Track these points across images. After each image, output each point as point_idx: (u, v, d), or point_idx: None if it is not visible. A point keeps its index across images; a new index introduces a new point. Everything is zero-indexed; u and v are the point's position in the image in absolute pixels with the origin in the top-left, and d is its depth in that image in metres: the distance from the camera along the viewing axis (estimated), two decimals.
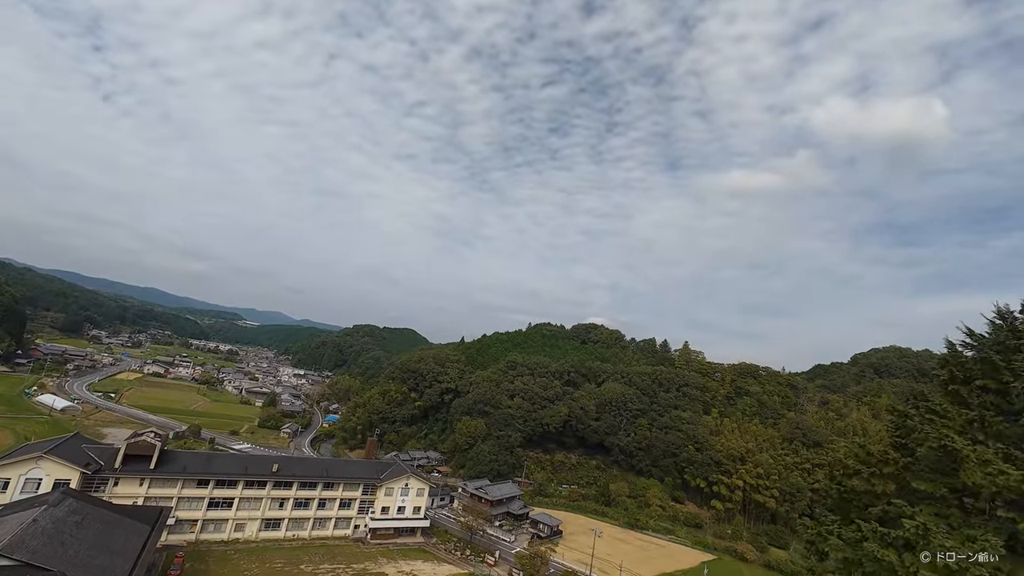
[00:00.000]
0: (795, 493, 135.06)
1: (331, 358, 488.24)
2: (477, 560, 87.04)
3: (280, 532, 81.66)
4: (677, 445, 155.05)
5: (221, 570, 67.77)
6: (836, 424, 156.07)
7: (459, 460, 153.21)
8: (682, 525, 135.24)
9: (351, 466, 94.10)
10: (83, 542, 47.99)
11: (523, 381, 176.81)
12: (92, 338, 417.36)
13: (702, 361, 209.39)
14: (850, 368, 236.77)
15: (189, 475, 75.05)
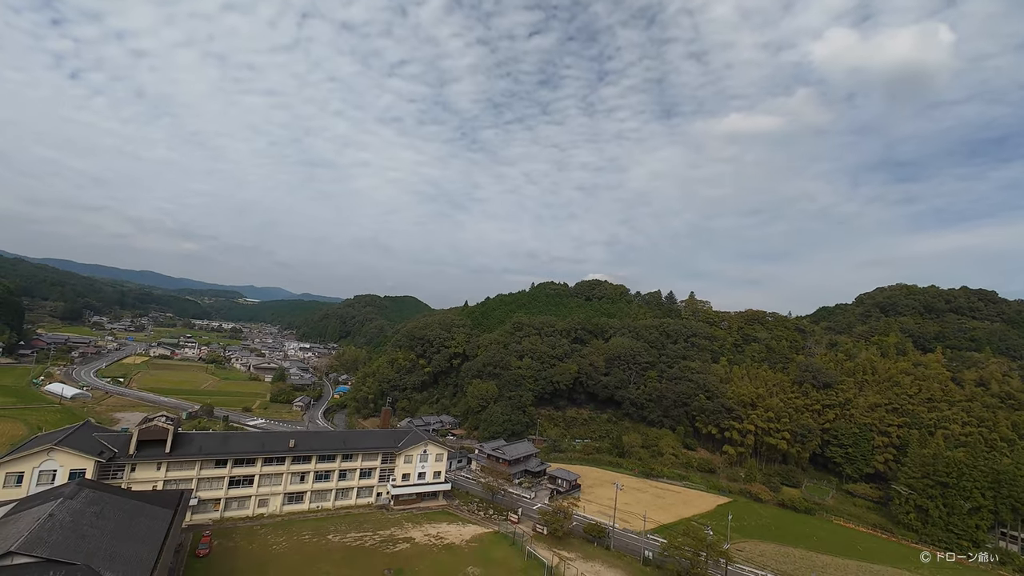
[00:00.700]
0: (806, 434, 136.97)
1: (335, 330, 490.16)
2: (500, 519, 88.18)
3: (304, 505, 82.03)
4: (688, 395, 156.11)
5: (249, 545, 68.04)
6: (845, 365, 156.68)
7: (472, 422, 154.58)
8: (695, 471, 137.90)
9: (368, 436, 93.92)
10: (104, 532, 46.90)
11: (531, 341, 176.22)
12: (94, 324, 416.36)
13: (708, 311, 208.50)
14: (855, 309, 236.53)
15: (206, 456, 74.24)
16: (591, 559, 75.42)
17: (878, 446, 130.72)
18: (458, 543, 76.60)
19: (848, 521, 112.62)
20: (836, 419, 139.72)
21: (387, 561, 67.97)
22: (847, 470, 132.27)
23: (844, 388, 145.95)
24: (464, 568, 68.39)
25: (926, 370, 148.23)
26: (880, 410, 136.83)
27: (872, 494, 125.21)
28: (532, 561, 72.84)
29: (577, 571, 69.39)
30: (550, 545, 78.59)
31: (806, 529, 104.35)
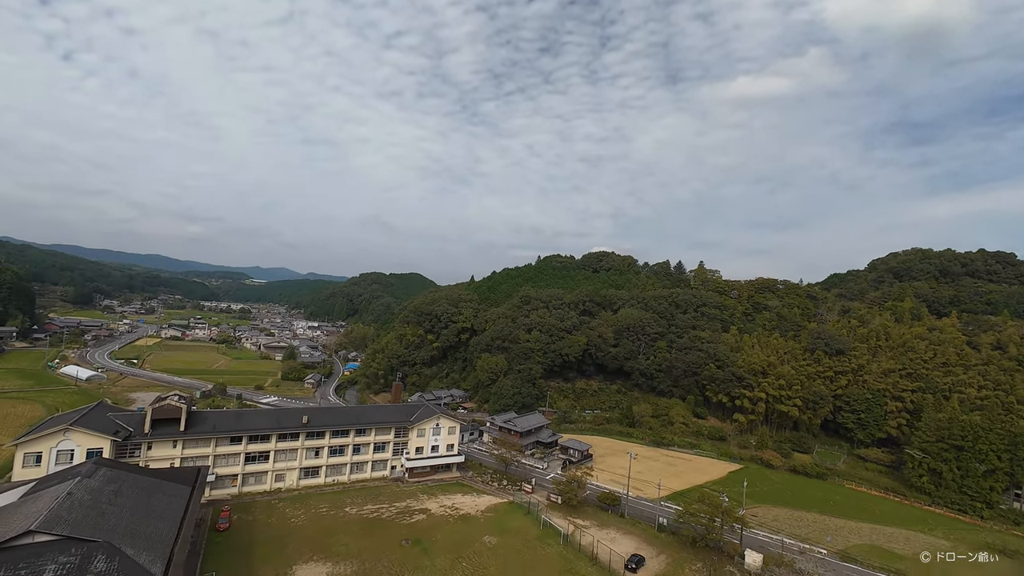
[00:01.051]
0: (818, 401, 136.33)
1: (342, 308, 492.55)
2: (514, 489, 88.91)
3: (320, 479, 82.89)
4: (698, 364, 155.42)
5: (268, 519, 68.93)
6: (858, 331, 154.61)
7: (483, 395, 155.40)
8: (706, 439, 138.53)
9: (381, 411, 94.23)
10: (123, 510, 47.05)
11: (539, 315, 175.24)
12: (105, 308, 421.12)
13: (718, 280, 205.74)
14: (867, 275, 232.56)
15: (221, 433, 74.58)
16: (606, 527, 76.00)
17: (891, 411, 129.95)
18: (473, 513, 77.35)
19: (860, 485, 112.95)
20: (848, 385, 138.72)
21: (404, 532, 68.73)
22: (859, 435, 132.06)
23: (857, 354, 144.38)
24: (480, 537, 69.06)
25: (941, 335, 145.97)
26: (894, 375, 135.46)
27: (884, 458, 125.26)
28: (547, 529, 73.47)
29: (593, 538, 69.89)
30: (565, 514, 79.23)
31: (818, 494, 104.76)
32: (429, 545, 65.39)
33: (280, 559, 58.82)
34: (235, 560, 57.63)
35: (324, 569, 57.54)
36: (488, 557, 63.84)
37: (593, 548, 67.57)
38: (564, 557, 65.63)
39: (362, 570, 57.99)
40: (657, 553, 69.22)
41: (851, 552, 74.78)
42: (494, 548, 66.34)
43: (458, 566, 60.96)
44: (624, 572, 62.60)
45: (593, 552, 66.77)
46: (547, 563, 63.77)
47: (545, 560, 64.53)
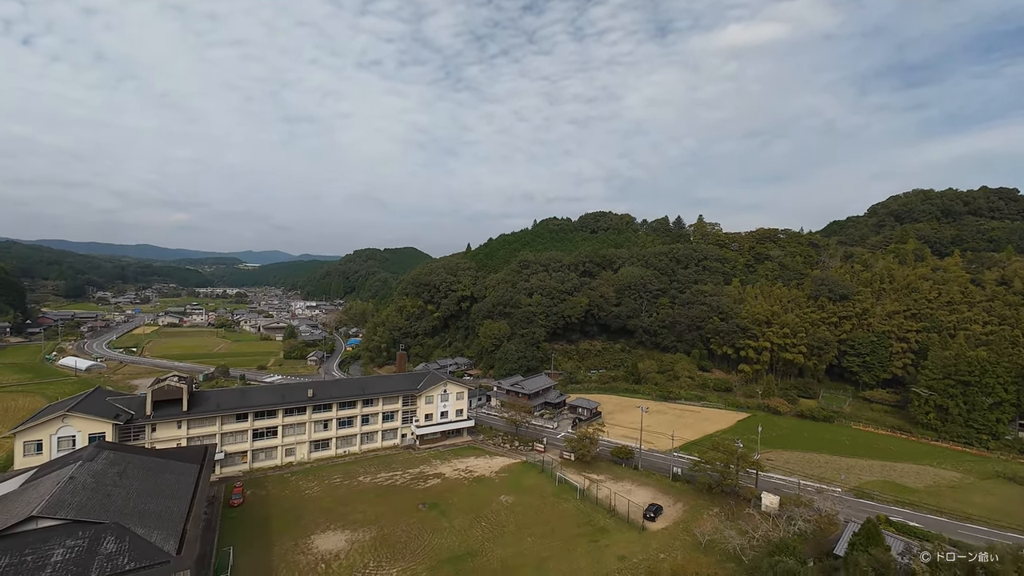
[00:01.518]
0: (823, 347, 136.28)
1: (338, 286, 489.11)
2: (526, 449, 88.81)
3: (330, 451, 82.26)
4: (701, 318, 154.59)
5: (282, 492, 68.34)
6: (862, 275, 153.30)
7: (487, 362, 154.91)
8: (712, 391, 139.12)
9: (387, 381, 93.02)
10: (130, 491, 45.63)
11: (539, 278, 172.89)
12: (99, 300, 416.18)
13: (719, 233, 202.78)
14: (868, 220, 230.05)
15: (226, 411, 73.10)
16: (621, 479, 76.06)
17: (896, 352, 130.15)
18: (488, 475, 77.17)
19: (867, 425, 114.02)
20: (853, 329, 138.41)
21: (420, 496, 68.40)
22: (864, 378, 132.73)
23: (861, 298, 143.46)
24: (496, 497, 68.86)
25: (945, 274, 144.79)
26: (898, 317, 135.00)
27: (889, 399, 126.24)
28: (563, 486, 73.41)
29: (610, 491, 69.85)
30: (578, 470, 79.22)
31: (826, 436, 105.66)
32: (446, 508, 65.11)
33: (297, 529, 58.30)
34: (252, 534, 57.04)
35: (343, 537, 57.11)
36: (506, 516, 63.67)
37: (610, 501, 67.54)
38: (582, 511, 65.61)
39: (381, 535, 57.61)
40: (674, 501, 69.40)
41: (865, 488, 75.42)
42: (511, 507, 66.20)
43: (477, 526, 60.73)
44: (643, 521, 62.66)
45: (611, 504, 66.76)
46: (565, 518, 63.71)
47: (563, 515, 64.47)
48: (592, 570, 52.32)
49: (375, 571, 50.74)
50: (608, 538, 59.15)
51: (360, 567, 51.29)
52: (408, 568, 51.42)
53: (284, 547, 54.57)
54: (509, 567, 52.36)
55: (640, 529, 61.34)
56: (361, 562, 52.19)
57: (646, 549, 56.94)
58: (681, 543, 58.51)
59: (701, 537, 57.52)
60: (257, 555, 52.76)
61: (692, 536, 59.75)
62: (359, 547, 55.00)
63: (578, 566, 53.05)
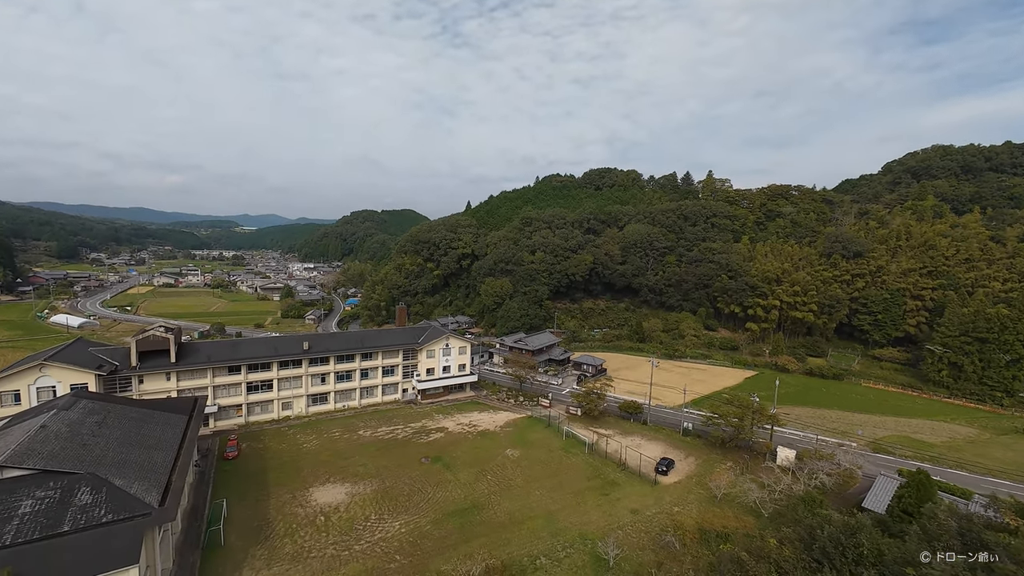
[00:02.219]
0: (834, 305, 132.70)
1: (336, 248, 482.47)
2: (531, 404, 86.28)
3: (329, 405, 79.50)
4: (709, 276, 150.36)
5: (279, 445, 65.76)
6: (877, 232, 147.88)
7: (489, 320, 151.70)
8: (718, 350, 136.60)
9: (386, 335, 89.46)
10: (110, 440, 42.21)
11: (542, 235, 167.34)
12: (93, 261, 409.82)
13: (728, 190, 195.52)
14: (882, 178, 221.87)
15: (217, 363, 69.52)
16: (629, 434, 73.68)
17: (910, 310, 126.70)
18: (492, 429, 74.69)
19: (876, 383, 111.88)
20: (866, 287, 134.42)
21: (423, 450, 65.91)
22: (875, 336, 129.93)
23: (876, 256, 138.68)
24: (502, 451, 66.41)
25: (964, 231, 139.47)
26: (914, 274, 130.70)
27: (900, 357, 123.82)
28: (571, 440, 70.98)
29: (620, 445, 67.42)
30: (586, 425, 76.77)
31: (836, 393, 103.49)
32: (450, 461, 62.63)
33: (295, 482, 55.78)
34: (247, 486, 54.50)
35: (343, 489, 54.60)
36: (512, 469, 61.25)
37: (620, 455, 65.12)
38: (591, 465, 63.22)
39: (383, 488, 55.12)
40: (685, 456, 67.08)
41: (882, 443, 73.22)
42: (517, 460, 63.76)
43: (483, 479, 58.30)
44: (655, 475, 60.30)
45: (621, 458, 64.35)
46: (574, 472, 61.33)
47: (571, 469, 62.08)
48: (604, 523, 50.01)
49: (377, 524, 48.32)
50: (619, 492, 56.84)
51: (361, 519, 48.85)
52: (411, 521, 48.99)
53: (281, 499, 52.07)
54: (516, 520, 49.99)
55: (652, 483, 59.02)
56: (362, 514, 49.73)
57: (659, 503, 54.65)
58: (695, 496, 56.22)
59: (716, 490, 55.15)
60: (252, 507, 50.25)
61: (706, 489, 57.44)
62: (360, 500, 52.54)
63: (589, 519, 50.73)
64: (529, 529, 48.52)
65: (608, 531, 48.47)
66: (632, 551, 45.01)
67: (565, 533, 47.99)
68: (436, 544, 45.50)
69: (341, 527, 47.50)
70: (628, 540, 47.00)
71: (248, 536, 45.50)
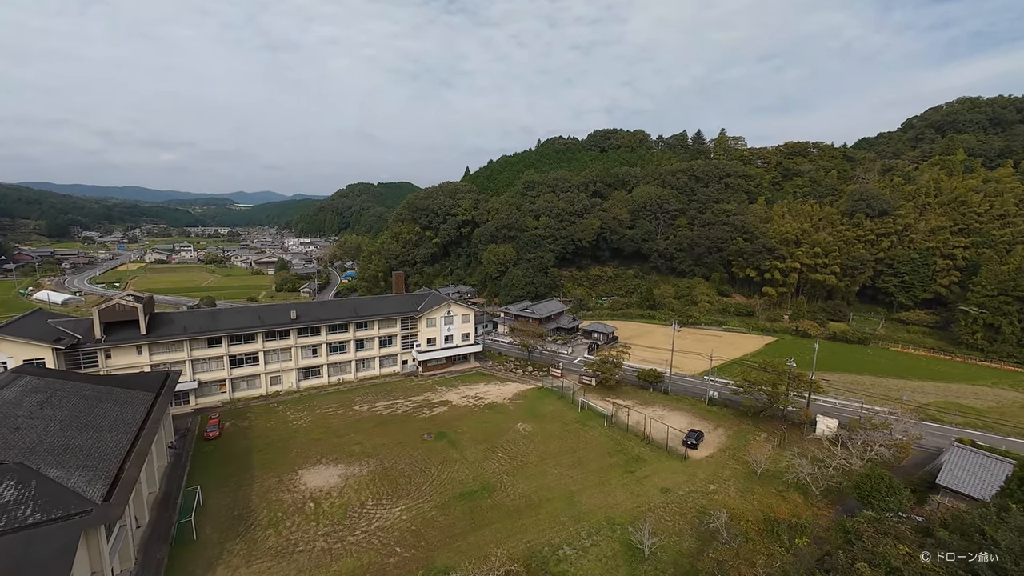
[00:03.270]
0: (857, 266, 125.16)
1: (332, 223, 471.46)
2: (541, 375, 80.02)
3: (322, 379, 73.23)
4: (723, 239, 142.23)
5: (266, 423, 59.65)
6: (903, 189, 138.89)
7: (492, 289, 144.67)
8: (733, 316, 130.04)
9: (382, 302, 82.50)
10: (51, 423, 35.58)
11: (546, 199, 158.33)
12: (84, 239, 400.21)
13: (743, 149, 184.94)
14: (902, 135, 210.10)
15: (194, 335, 62.70)
16: (650, 405, 67.48)
17: (940, 270, 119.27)
18: (500, 401, 68.54)
19: (905, 347, 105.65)
20: (892, 247, 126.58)
21: (425, 426, 59.82)
22: (900, 299, 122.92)
23: (903, 214, 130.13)
24: (513, 425, 60.30)
25: (998, 185, 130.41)
26: (943, 232, 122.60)
27: (928, 319, 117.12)
28: (587, 412, 64.86)
29: (644, 416, 61.27)
30: (601, 395, 70.59)
31: (864, 358, 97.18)
32: (455, 438, 56.55)
33: (283, 464, 49.76)
34: (228, 468, 48.50)
35: (336, 471, 48.59)
36: (525, 445, 55.18)
37: (644, 427, 59.00)
38: (611, 439, 57.14)
39: (381, 469, 49.10)
40: (713, 427, 60.99)
41: (927, 409, 67.06)
42: (530, 435, 57.67)
43: (492, 457, 52.25)
44: (684, 449, 54.25)
45: (645, 431, 58.24)
46: (593, 446, 55.27)
47: (590, 443, 56.02)
48: (631, 505, 44.06)
49: (374, 510, 42.34)
50: (645, 468, 50.85)
51: (356, 505, 42.87)
52: (413, 506, 43.00)
53: (266, 484, 46.07)
54: (533, 503, 44.02)
55: (682, 457, 52.99)
56: (357, 499, 43.75)
57: (692, 480, 48.66)
58: (731, 472, 50.23)
59: (755, 465, 49.07)
60: (233, 494, 44.27)
61: (743, 464, 51.44)
62: (355, 483, 46.53)
63: (615, 500, 44.77)
64: (548, 513, 42.57)
65: (638, 514, 42.52)
66: (668, 537, 39.05)
67: (589, 517, 42.05)
68: (442, 533, 39.55)
69: (333, 515, 41.52)
70: (662, 525, 41.05)
71: (226, 527, 39.54)
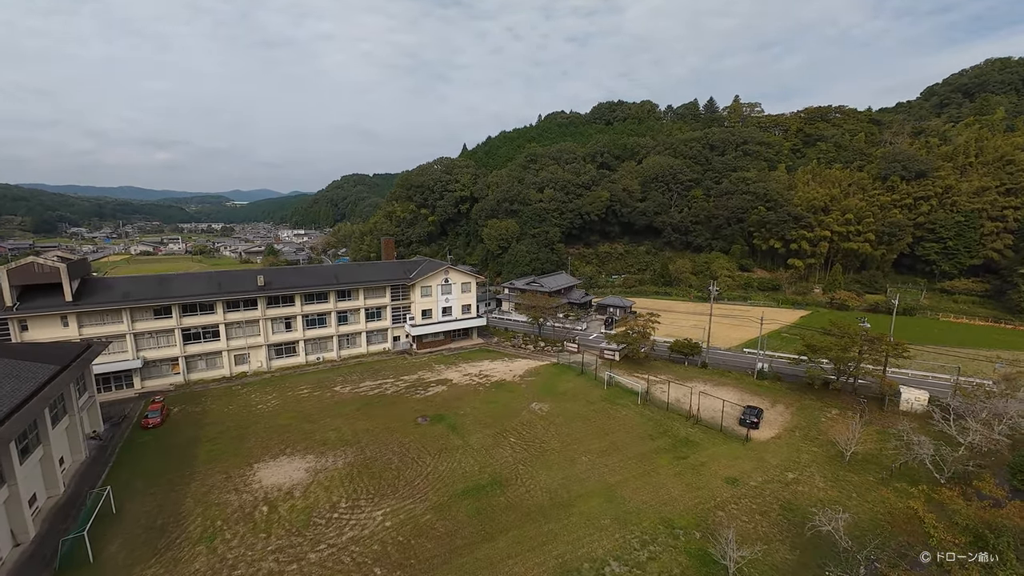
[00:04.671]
0: (895, 232, 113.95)
1: (327, 214, 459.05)
2: (555, 351, 68.98)
3: (299, 357, 62.14)
4: (743, 209, 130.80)
5: (225, 408, 48.57)
6: (940, 150, 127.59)
7: (494, 267, 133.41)
8: (756, 291, 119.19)
9: (369, 268, 71.43)
10: None
11: (550, 171, 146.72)
12: (72, 235, 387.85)
13: (759, 115, 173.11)
14: (923, 103, 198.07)
15: (135, 303, 51.49)
16: (688, 380, 56.36)
17: (988, 233, 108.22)
18: (510, 379, 57.51)
19: (958, 316, 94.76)
20: (932, 211, 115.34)
21: (419, 408, 48.83)
22: (943, 266, 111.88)
23: (942, 175, 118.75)
24: (526, 405, 49.32)
25: None
26: (990, 193, 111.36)
27: (976, 288, 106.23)
28: (614, 389, 53.87)
29: (689, 391, 50.30)
30: (628, 371, 59.53)
31: (916, 329, 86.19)
32: (457, 421, 45.58)
33: (235, 456, 38.78)
34: (165, 463, 37.53)
35: (302, 464, 37.63)
36: (543, 428, 44.23)
37: (688, 404, 48.06)
38: (650, 419, 46.20)
39: (361, 460, 38.15)
40: (771, 404, 50.04)
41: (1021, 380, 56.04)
42: (548, 417, 46.70)
43: (503, 442, 41.30)
44: (746, 431, 43.32)
45: (689, 409, 47.30)
46: (628, 428, 44.33)
47: (624, 424, 45.07)
48: (692, 500, 33.16)
49: (348, 514, 31.39)
50: (699, 453, 39.93)
51: (325, 508, 31.93)
52: (401, 508, 32.05)
53: (209, 482, 35.09)
54: (561, 500, 33.07)
55: (742, 440, 42.07)
56: (327, 501, 32.80)
57: (762, 467, 37.73)
58: (810, 457, 39.30)
59: (844, 447, 38.12)
60: (162, 495, 33.31)
61: (822, 446, 40.59)
62: (326, 478, 35.58)
63: (669, 495, 33.84)
64: (582, 514, 31.62)
65: (702, 513, 31.64)
66: (752, 543, 28.02)
67: (638, 518, 31.12)
68: (440, 545, 28.59)
69: (292, 523, 30.57)
70: (740, 528, 30.11)
71: (140, 543, 28.58)
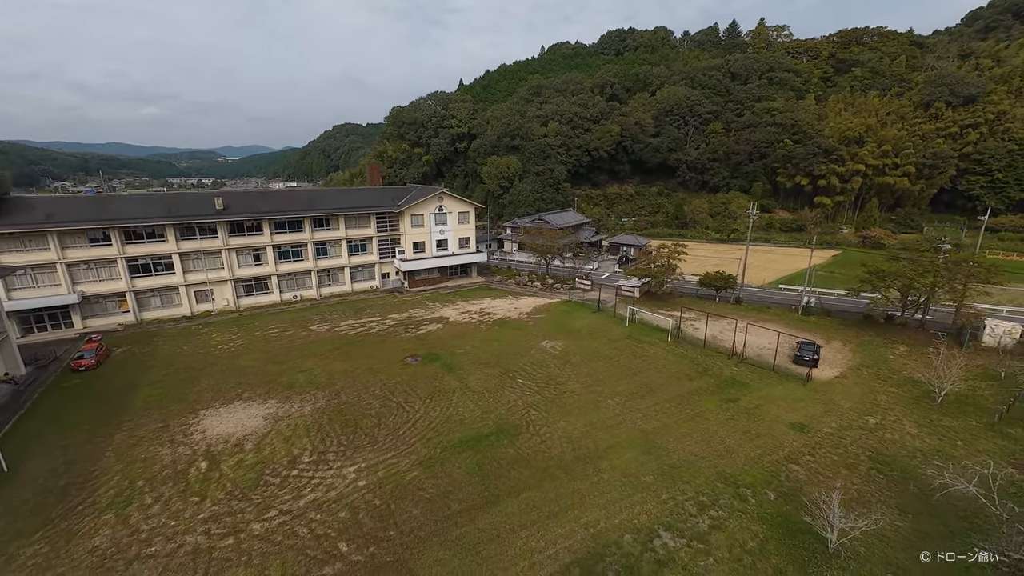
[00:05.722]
0: (938, 164, 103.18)
1: (320, 165, 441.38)
2: (566, 288, 60.86)
3: (272, 295, 54.05)
4: (767, 143, 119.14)
5: (177, 349, 40.88)
6: (991, 72, 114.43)
7: (495, 209, 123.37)
8: (778, 232, 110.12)
9: (349, 194, 62.25)
10: None
11: (555, 103, 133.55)
12: (56, 189, 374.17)
13: (787, 41, 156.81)
14: (965, 29, 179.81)
15: (65, 226, 42.72)
16: (722, 316, 48.39)
17: None
18: (515, 317, 49.64)
19: (1008, 254, 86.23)
20: (981, 140, 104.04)
21: (409, 347, 41.14)
22: (989, 202, 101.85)
23: (994, 100, 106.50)
24: (536, 344, 41.60)
25: None
26: None
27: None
28: (637, 326, 46.12)
29: (728, 326, 42.46)
30: (651, 308, 51.54)
31: None
32: (453, 360, 37.92)
33: (180, 402, 31.29)
34: (92, 411, 30.06)
35: (261, 411, 30.17)
36: (558, 367, 36.60)
37: (733, 342, 40.30)
38: (685, 357, 38.56)
39: (335, 405, 30.69)
40: (825, 341, 42.27)
41: None
42: (564, 355, 39.02)
43: (511, 384, 33.72)
44: (806, 370, 35.67)
45: (733, 347, 39.56)
46: (661, 367, 36.71)
47: (656, 363, 37.44)
48: (754, 451, 25.77)
49: (310, 471, 24.06)
50: (751, 394, 32.41)
51: (282, 464, 24.57)
52: (380, 463, 24.69)
53: (140, 432, 27.67)
54: (587, 454, 25.66)
55: (802, 379, 34.46)
56: (286, 453, 25.43)
57: (832, 410, 30.24)
58: (890, 398, 31.77)
59: (937, 387, 30.50)
60: (76, 449, 25.94)
61: (903, 386, 33.07)
62: (288, 427, 28.14)
63: (723, 444, 26.43)
64: (615, 469, 24.25)
65: (772, 467, 24.26)
66: (857, 508, 20.58)
67: (689, 475, 23.77)
68: (430, 511, 21.28)
69: (236, 482, 23.24)
70: (826, 487, 22.70)
71: (31, 510, 21.32)
